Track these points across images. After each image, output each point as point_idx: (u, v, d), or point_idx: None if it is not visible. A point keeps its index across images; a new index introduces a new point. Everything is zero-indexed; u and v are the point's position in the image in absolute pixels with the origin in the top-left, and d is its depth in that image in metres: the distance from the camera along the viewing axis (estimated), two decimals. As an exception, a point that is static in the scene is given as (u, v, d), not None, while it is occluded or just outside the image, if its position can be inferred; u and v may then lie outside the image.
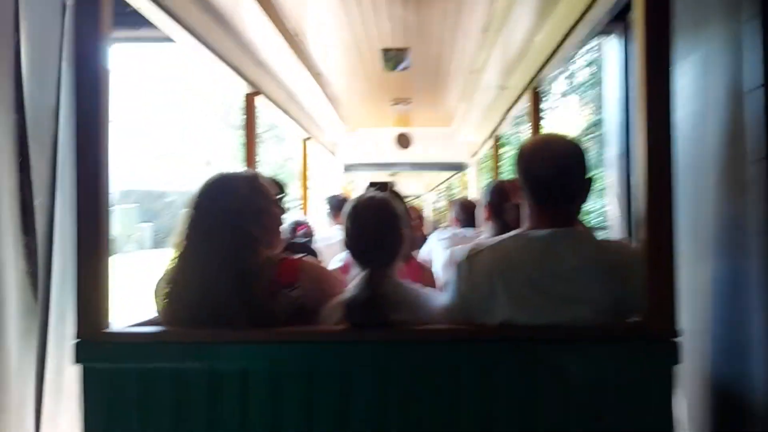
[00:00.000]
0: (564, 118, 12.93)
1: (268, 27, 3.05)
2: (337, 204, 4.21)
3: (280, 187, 2.87)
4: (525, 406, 1.63)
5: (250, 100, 3.45)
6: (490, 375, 1.64)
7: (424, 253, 4.03)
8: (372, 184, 3.14)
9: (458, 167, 7.71)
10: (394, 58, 4.08)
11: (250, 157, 3.41)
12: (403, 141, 6.76)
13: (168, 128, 25.31)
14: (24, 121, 2.08)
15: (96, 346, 1.68)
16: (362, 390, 1.66)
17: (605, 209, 4.46)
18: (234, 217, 1.79)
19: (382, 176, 9.20)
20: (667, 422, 1.62)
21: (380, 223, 1.87)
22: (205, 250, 1.76)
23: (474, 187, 7.34)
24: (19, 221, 2.12)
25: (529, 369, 1.64)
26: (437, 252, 3.91)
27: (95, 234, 1.70)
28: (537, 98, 3.64)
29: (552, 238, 1.71)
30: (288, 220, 3.54)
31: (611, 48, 3.66)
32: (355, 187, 9.54)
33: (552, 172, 1.72)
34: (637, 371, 1.63)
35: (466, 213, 4.02)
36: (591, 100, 11.55)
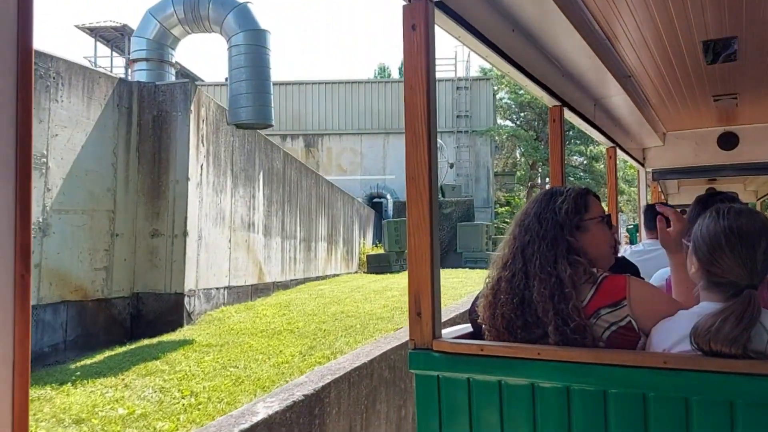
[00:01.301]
0: None
1: (575, 35, 2.97)
2: (651, 216, 3.86)
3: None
4: None
5: (555, 112, 3.40)
6: None
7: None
8: (702, 199, 2.76)
9: None
10: (717, 49, 3.61)
11: (556, 169, 3.35)
12: (728, 141, 5.90)
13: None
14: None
15: (427, 355, 1.83)
16: (704, 421, 1.49)
17: None
18: (555, 228, 1.79)
19: (698, 184, 8.22)
20: None
21: (766, 249, 1.57)
22: (524, 261, 1.79)
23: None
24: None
25: None
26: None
27: (427, 243, 1.85)
28: None
29: None
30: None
31: None
32: (666, 197, 8.70)
33: None
34: None
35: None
36: None
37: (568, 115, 3.66)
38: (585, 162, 29.47)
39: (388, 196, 23.45)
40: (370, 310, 7.98)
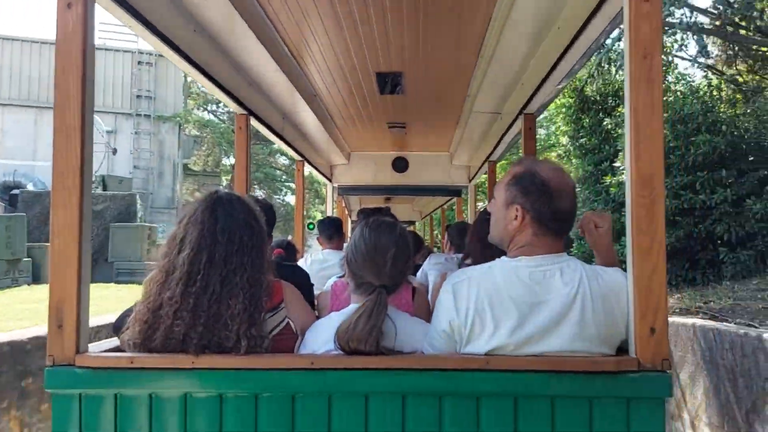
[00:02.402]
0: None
1: (262, 49, 3.04)
2: (329, 227, 4.14)
3: (269, 211, 2.81)
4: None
5: (241, 120, 3.41)
6: (473, 405, 1.59)
7: (419, 278, 3.98)
8: (363, 211, 3.11)
9: (455, 192, 7.68)
10: (388, 81, 4.07)
11: (240, 179, 3.37)
12: (400, 165, 6.74)
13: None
14: None
15: (69, 372, 1.64)
16: (344, 415, 1.62)
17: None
18: (262, 237, 1.78)
19: (377, 201, 9.18)
20: None
21: (395, 253, 1.80)
22: (220, 273, 1.68)
23: (471, 213, 7.31)
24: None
25: (513, 399, 1.59)
26: (431, 277, 3.87)
27: (75, 247, 1.66)
28: (531, 123, 3.62)
29: (540, 264, 1.66)
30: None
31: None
32: (350, 211, 9.52)
33: (573, 204, 1.73)
34: (628, 405, 1.57)
35: (461, 238, 3.98)
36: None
37: (256, 124, 3.72)
38: (289, 164, 26.88)
39: (30, 186, 17.39)
40: None
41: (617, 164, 9.01)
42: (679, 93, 10.00)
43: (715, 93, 9.33)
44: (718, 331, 4.00)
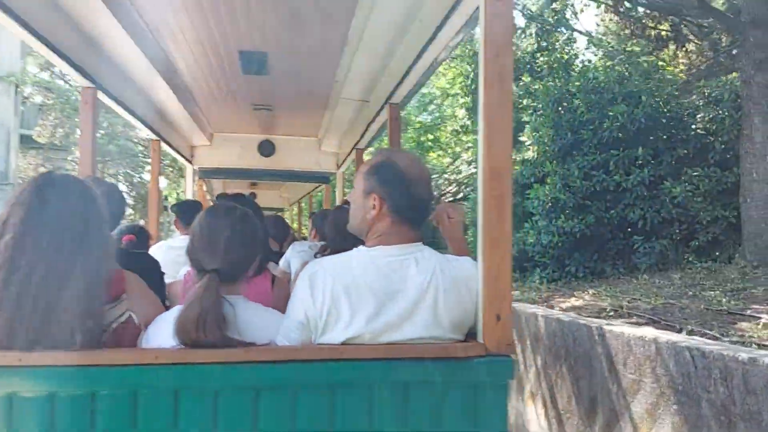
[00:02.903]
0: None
1: (111, 19, 2.79)
2: (185, 211, 3.94)
3: (116, 194, 2.62)
4: (363, 425, 1.59)
5: (87, 94, 3.12)
6: (328, 395, 1.58)
7: (282, 266, 3.92)
8: (221, 196, 2.99)
9: (323, 179, 7.63)
10: (253, 61, 3.92)
11: (86, 157, 3.09)
12: (266, 148, 6.56)
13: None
14: None
15: None
16: (192, 412, 1.54)
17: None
18: (102, 226, 1.65)
19: (242, 186, 8.89)
20: None
21: (230, 237, 1.74)
22: (47, 265, 1.53)
23: (339, 200, 7.31)
24: None
25: (368, 388, 1.60)
26: (294, 265, 3.82)
27: None
28: (396, 113, 3.67)
29: (397, 254, 1.69)
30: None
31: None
32: (212, 196, 9.16)
33: (429, 194, 1.77)
34: (475, 387, 1.64)
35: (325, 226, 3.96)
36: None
37: (104, 99, 3.42)
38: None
39: None
40: None
41: (523, 138, 7.77)
42: (588, 61, 9.37)
43: (632, 60, 8.56)
44: (701, 352, 2.93)
